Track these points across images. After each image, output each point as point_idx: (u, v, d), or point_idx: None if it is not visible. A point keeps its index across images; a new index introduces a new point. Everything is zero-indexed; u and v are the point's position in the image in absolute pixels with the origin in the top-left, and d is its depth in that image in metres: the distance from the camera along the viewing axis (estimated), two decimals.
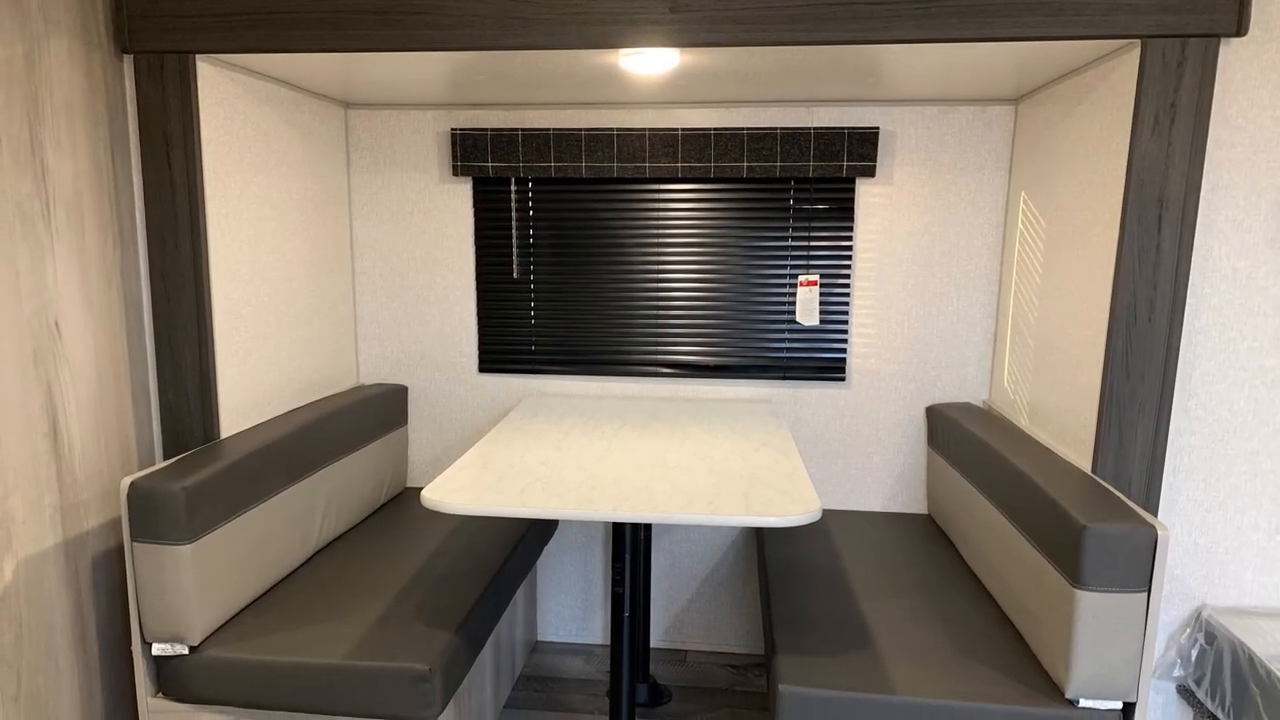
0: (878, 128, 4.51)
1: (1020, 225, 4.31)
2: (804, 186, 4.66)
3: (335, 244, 4.75)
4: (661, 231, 4.79)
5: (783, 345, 4.79)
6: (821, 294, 4.72)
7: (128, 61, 3.56)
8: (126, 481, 3.14)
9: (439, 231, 4.91)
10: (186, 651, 3.25)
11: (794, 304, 4.74)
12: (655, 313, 4.86)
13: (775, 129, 4.53)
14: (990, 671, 3.16)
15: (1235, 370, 3.40)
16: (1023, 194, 4.30)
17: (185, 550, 3.15)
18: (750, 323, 4.80)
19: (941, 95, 4.35)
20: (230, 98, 3.75)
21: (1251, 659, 3.17)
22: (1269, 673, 3.08)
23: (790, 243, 4.71)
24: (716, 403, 4.78)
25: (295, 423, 3.92)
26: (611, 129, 4.63)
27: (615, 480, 3.29)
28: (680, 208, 4.76)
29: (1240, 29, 3.12)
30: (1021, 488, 3.38)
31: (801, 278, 4.71)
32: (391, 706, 3.16)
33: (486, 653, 4.15)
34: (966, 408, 4.54)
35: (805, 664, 3.19)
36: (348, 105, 4.81)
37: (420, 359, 5.04)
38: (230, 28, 3.48)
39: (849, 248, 4.69)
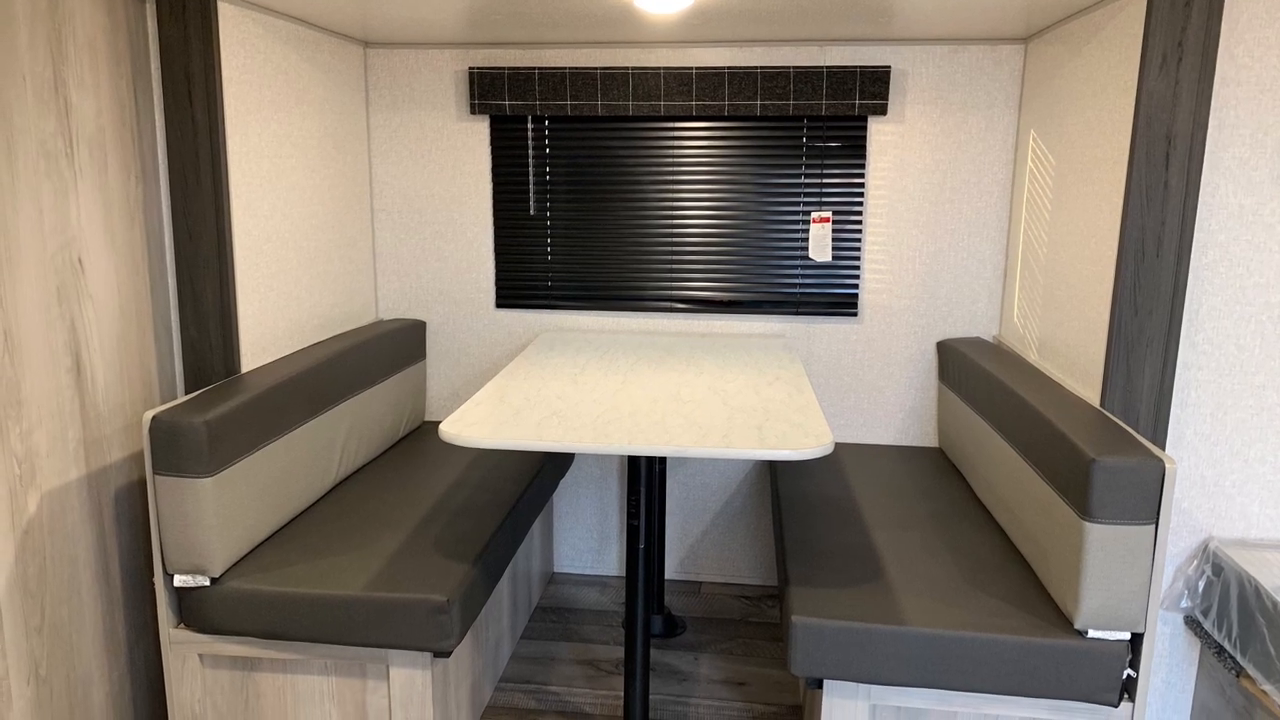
0: (889, 66, 4.47)
1: (1030, 163, 4.28)
2: (816, 125, 4.63)
3: (354, 181, 4.72)
4: (676, 169, 4.75)
5: (795, 281, 4.76)
6: (834, 231, 4.69)
7: (150, 0, 3.52)
8: (149, 415, 3.12)
9: (457, 169, 4.88)
10: (208, 583, 3.24)
11: (807, 240, 4.71)
12: (670, 249, 4.83)
13: (788, 68, 4.49)
14: (1000, 603, 3.14)
15: (1242, 305, 3.37)
16: (1032, 132, 4.26)
17: (207, 483, 3.14)
18: (764, 259, 4.77)
19: (952, 34, 4.30)
20: (251, 37, 3.70)
21: (1258, 590, 3.15)
22: (1275, 604, 3.06)
23: (803, 180, 4.68)
24: (730, 338, 4.75)
25: (315, 357, 3.90)
26: (627, 68, 4.59)
27: (630, 414, 3.27)
28: (695, 146, 4.72)
29: None
30: (1031, 421, 3.36)
31: (814, 214, 4.68)
32: (410, 637, 3.15)
33: (504, 584, 4.14)
34: (976, 342, 4.50)
35: (817, 595, 3.17)
36: (366, 44, 4.76)
37: (438, 294, 5.02)
38: None
39: (861, 185, 4.65)
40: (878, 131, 4.61)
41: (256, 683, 3.35)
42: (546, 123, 4.80)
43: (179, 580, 3.25)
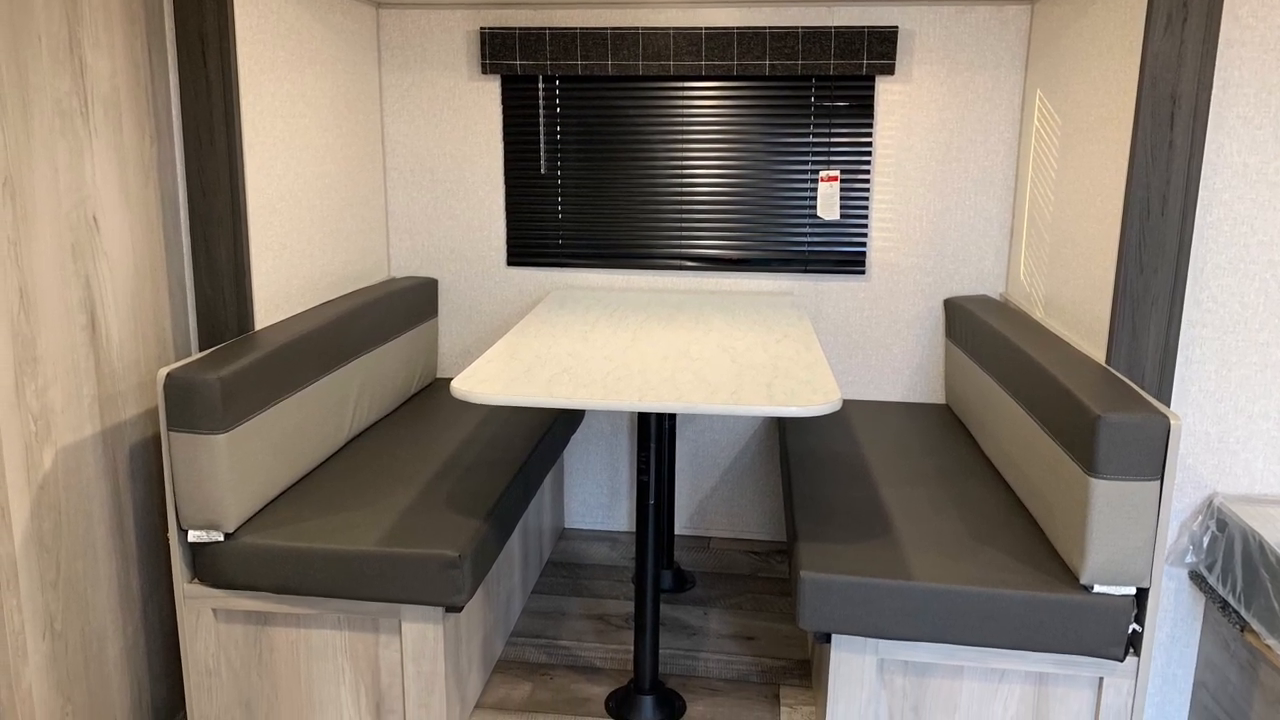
0: (896, 27, 4.44)
1: (1036, 122, 4.25)
2: (825, 84, 4.60)
3: (367, 141, 4.69)
4: (686, 129, 4.73)
5: (804, 239, 4.75)
6: (842, 189, 4.67)
7: None
8: (163, 372, 3.11)
9: (468, 129, 4.86)
10: (221, 538, 3.23)
11: (815, 199, 4.69)
12: (680, 207, 4.81)
13: (797, 28, 4.45)
14: (1006, 558, 3.13)
15: (1246, 264, 3.34)
16: (1038, 92, 4.23)
17: (220, 439, 3.13)
18: (772, 217, 4.75)
19: None
20: None
21: (1262, 545, 3.13)
22: (1279, 559, 3.05)
23: (811, 139, 4.66)
24: (739, 295, 4.73)
25: (328, 315, 3.88)
26: (637, 28, 4.55)
27: (640, 371, 3.25)
28: (704, 106, 4.70)
29: None
30: (1037, 378, 3.34)
31: (822, 173, 4.67)
32: (422, 592, 3.14)
33: (515, 539, 4.14)
34: (983, 300, 4.48)
35: (826, 550, 3.16)
36: (379, 4, 4.73)
37: (450, 253, 5.00)
38: None
39: (869, 144, 4.63)
40: (885, 91, 4.59)
41: (270, 637, 3.35)
42: (557, 82, 4.77)
43: (193, 536, 3.24)
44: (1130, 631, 2.95)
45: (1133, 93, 3.20)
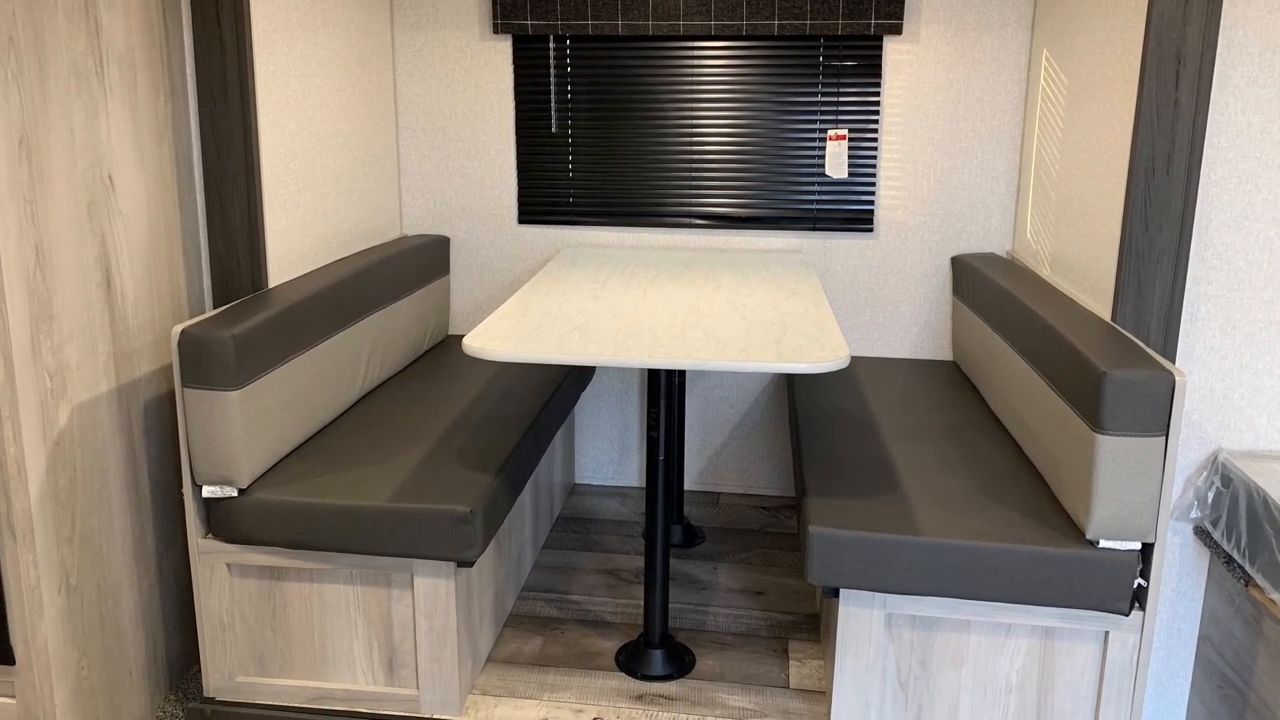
0: None
1: (1042, 82, 4.23)
2: (833, 44, 4.58)
3: (380, 100, 4.68)
4: (696, 88, 4.71)
5: (812, 198, 4.73)
6: (850, 148, 4.65)
7: None
8: (177, 329, 3.10)
9: (480, 88, 4.84)
10: (235, 494, 3.23)
11: (824, 158, 4.67)
12: (690, 166, 4.79)
13: None
14: (1013, 513, 3.12)
15: (1250, 222, 3.33)
16: (1045, 51, 4.20)
17: (234, 396, 3.12)
18: (781, 176, 4.73)
19: None
20: None
21: (1266, 501, 3.12)
22: None
23: (820, 99, 4.64)
24: (748, 253, 4.72)
25: (341, 272, 3.87)
26: None
27: (650, 328, 3.24)
28: (714, 65, 4.67)
29: None
30: (1044, 336, 3.32)
31: (831, 132, 4.65)
32: (434, 547, 3.14)
33: (526, 495, 4.14)
34: (990, 258, 4.46)
35: (834, 506, 3.16)
36: None
37: (462, 211, 4.99)
38: None
39: (876, 104, 4.61)
40: (893, 51, 4.56)
41: (283, 592, 3.35)
42: (568, 42, 4.74)
43: (207, 491, 3.24)
44: (1135, 586, 2.94)
45: (1138, 52, 3.18)
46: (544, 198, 4.93)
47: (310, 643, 3.39)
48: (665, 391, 3.41)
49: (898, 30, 4.46)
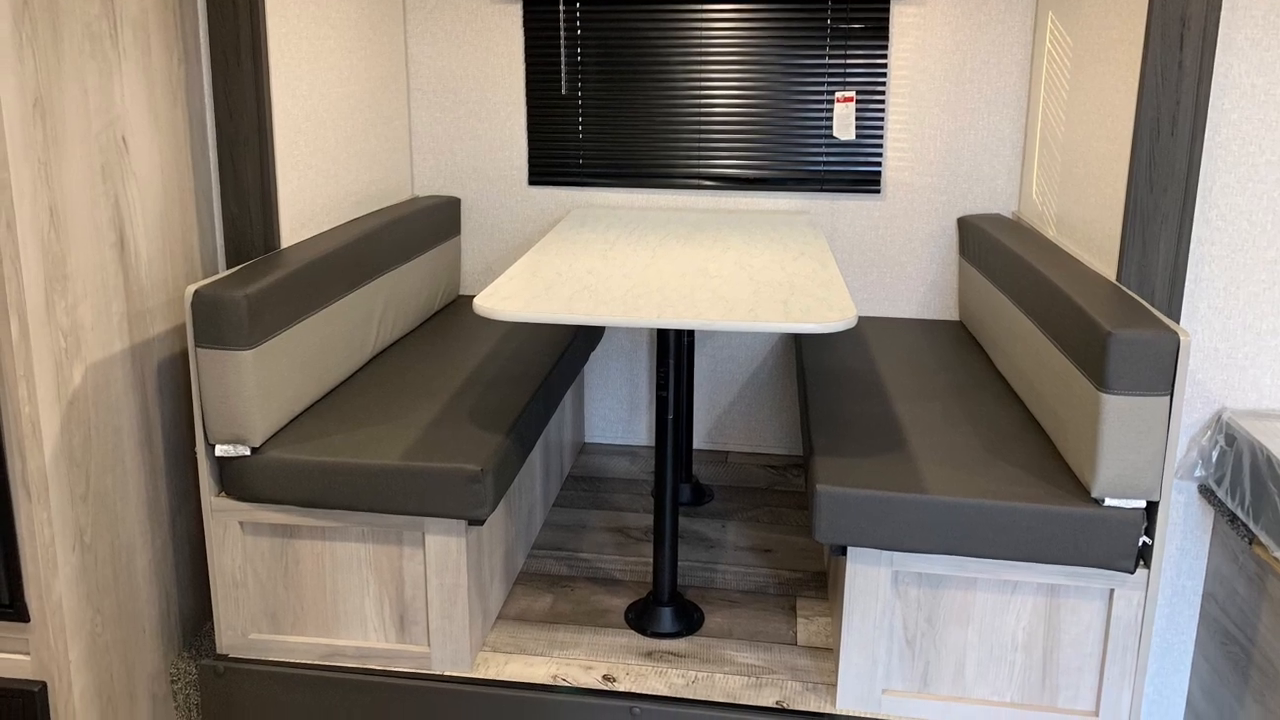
0: None
1: (1048, 44, 4.21)
2: (840, 6, 4.56)
3: (391, 62, 4.66)
4: (704, 50, 4.69)
5: (820, 159, 4.71)
6: (857, 110, 4.64)
7: None
8: (191, 290, 3.10)
9: (490, 50, 4.83)
10: (248, 453, 3.24)
11: (831, 119, 4.66)
12: (698, 128, 4.78)
13: None
14: (1019, 472, 3.13)
15: (1254, 183, 3.33)
16: (1050, 14, 4.18)
17: (247, 355, 3.12)
18: (789, 137, 4.72)
19: None
20: None
21: (1270, 459, 3.13)
22: None
23: (827, 61, 4.63)
24: (756, 214, 4.71)
25: (353, 233, 3.87)
26: None
27: (659, 288, 3.23)
28: (722, 27, 4.65)
29: None
30: (1049, 296, 3.32)
31: (838, 94, 4.63)
32: (445, 505, 3.15)
33: (536, 454, 4.14)
34: (996, 219, 4.45)
35: (842, 464, 3.16)
36: None
37: (472, 172, 4.98)
38: None
39: (884, 66, 4.60)
40: (900, 13, 4.55)
41: (296, 550, 3.37)
42: (577, 4, 4.72)
43: (220, 450, 3.25)
44: (1140, 544, 2.95)
45: (1143, 15, 3.17)
46: (554, 159, 4.92)
47: (322, 600, 3.40)
48: (674, 351, 3.40)
49: None
